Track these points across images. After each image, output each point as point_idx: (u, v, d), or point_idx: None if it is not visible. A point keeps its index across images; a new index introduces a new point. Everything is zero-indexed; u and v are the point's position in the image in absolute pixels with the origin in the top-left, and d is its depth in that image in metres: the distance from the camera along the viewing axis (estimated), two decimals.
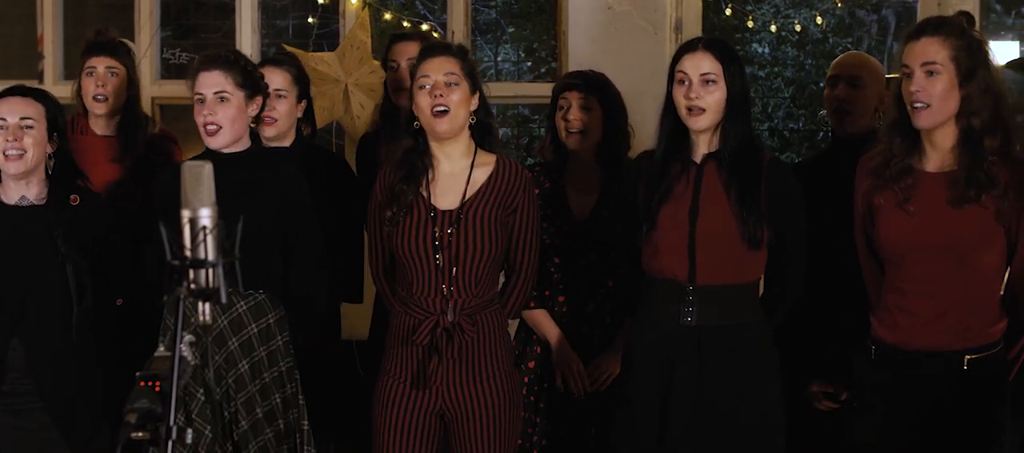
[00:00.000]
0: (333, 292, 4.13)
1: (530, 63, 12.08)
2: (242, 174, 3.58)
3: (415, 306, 3.51)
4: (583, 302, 3.95)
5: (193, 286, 2.25)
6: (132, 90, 4.43)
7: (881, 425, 3.32)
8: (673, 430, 3.40)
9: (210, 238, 2.23)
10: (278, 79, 4.17)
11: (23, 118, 3.62)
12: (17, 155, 3.60)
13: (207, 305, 2.28)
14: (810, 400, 3.98)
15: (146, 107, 5.91)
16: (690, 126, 3.41)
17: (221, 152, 3.65)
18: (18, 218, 3.64)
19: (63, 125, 3.76)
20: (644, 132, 3.89)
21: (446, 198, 3.52)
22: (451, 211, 3.50)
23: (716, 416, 3.38)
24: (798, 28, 10.96)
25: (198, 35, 7.86)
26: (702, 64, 3.38)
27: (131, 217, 3.96)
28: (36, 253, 3.61)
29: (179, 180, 2.28)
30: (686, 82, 3.39)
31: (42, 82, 5.98)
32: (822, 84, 4.32)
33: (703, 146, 3.45)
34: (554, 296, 3.96)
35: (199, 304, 2.28)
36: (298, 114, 4.28)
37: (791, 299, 3.51)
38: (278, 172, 3.75)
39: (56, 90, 4.80)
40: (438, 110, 3.46)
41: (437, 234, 3.47)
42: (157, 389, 2.32)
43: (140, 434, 2.28)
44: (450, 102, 3.46)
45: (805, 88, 12.12)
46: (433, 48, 3.59)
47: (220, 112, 3.65)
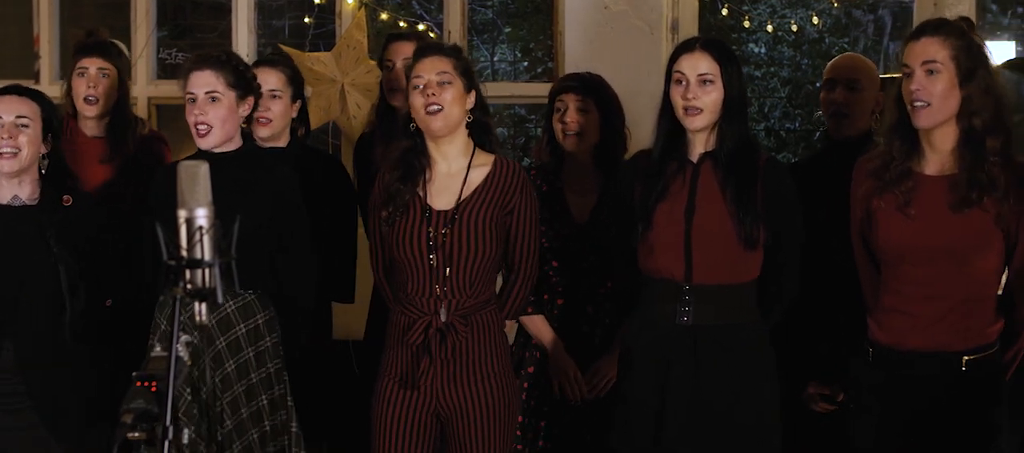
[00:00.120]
0: (325, 292, 4.13)
1: (526, 63, 12.07)
2: (237, 173, 3.58)
3: (410, 306, 3.51)
4: (582, 304, 3.93)
5: (189, 286, 2.24)
6: (122, 91, 4.43)
7: (877, 426, 3.32)
8: (669, 430, 3.39)
9: (207, 238, 2.23)
10: (273, 79, 4.16)
11: (18, 117, 3.61)
12: (11, 153, 3.59)
13: (204, 305, 2.28)
14: (807, 402, 3.98)
15: (142, 107, 5.92)
16: (687, 126, 3.40)
17: (214, 152, 3.65)
18: (10, 218, 3.63)
19: (58, 126, 3.75)
20: (640, 132, 3.88)
21: (442, 198, 3.52)
22: (446, 211, 3.49)
23: (712, 416, 3.37)
24: (794, 28, 10.94)
25: (194, 35, 7.86)
26: (699, 64, 3.38)
27: (122, 217, 3.95)
28: (28, 253, 3.60)
29: (173, 180, 2.28)
30: (683, 82, 3.39)
31: (38, 82, 5.98)
32: (818, 85, 4.31)
33: (700, 146, 3.44)
34: (552, 299, 3.95)
35: (196, 304, 2.28)
36: (293, 115, 4.28)
37: (787, 299, 3.51)
38: (273, 171, 3.75)
39: (52, 90, 4.81)
40: (431, 109, 3.46)
41: (432, 234, 3.47)
42: (153, 389, 2.32)
43: (136, 434, 2.28)
44: (443, 100, 3.46)
45: (801, 88, 12.10)
46: (426, 48, 3.60)
47: (211, 112, 3.66)
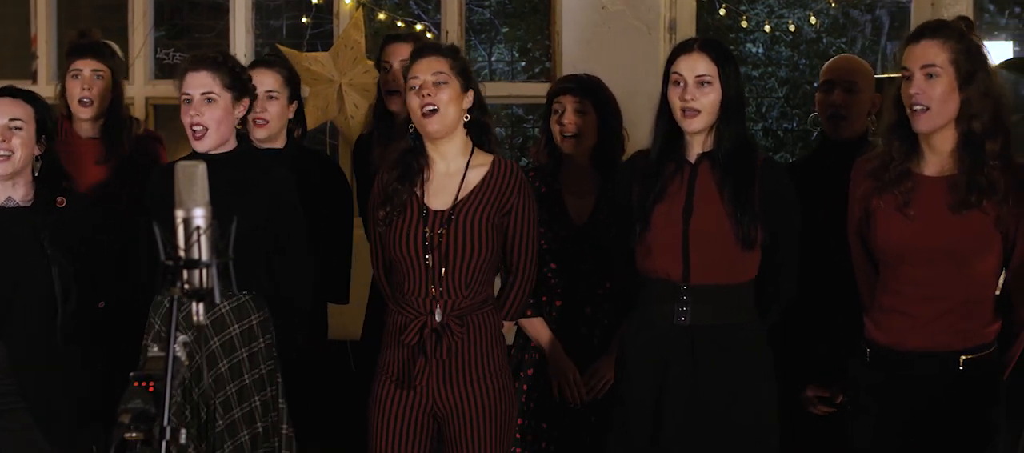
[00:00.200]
0: (320, 292, 4.13)
1: (524, 63, 12.06)
2: (233, 174, 3.58)
3: (406, 305, 3.51)
4: (581, 305, 3.93)
5: (187, 286, 2.24)
6: (117, 92, 4.42)
7: (876, 426, 3.32)
8: (667, 430, 3.39)
9: (204, 238, 2.23)
10: (269, 80, 4.16)
11: (12, 119, 3.61)
12: (5, 156, 3.59)
13: (201, 305, 2.28)
14: (805, 405, 3.97)
15: (140, 107, 5.92)
16: (685, 128, 3.40)
17: (210, 153, 3.64)
18: (4, 219, 3.62)
19: (52, 127, 3.75)
20: (638, 133, 3.88)
21: (439, 198, 3.52)
22: (443, 212, 3.49)
23: (710, 416, 3.37)
24: (792, 28, 10.96)
25: (192, 35, 7.86)
26: (697, 66, 3.37)
27: (117, 218, 3.95)
28: (21, 254, 3.60)
29: (169, 180, 2.28)
30: (681, 83, 3.38)
31: (36, 82, 5.98)
32: (815, 85, 4.31)
33: (697, 146, 3.44)
34: (551, 300, 3.94)
35: (193, 304, 2.28)
36: (289, 116, 4.27)
37: (784, 299, 3.51)
38: (269, 173, 3.75)
39: (49, 90, 4.80)
40: (427, 110, 3.46)
41: (428, 234, 3.47)
42: (151, 389, 2.31)
43: (133, 434, 2.27)
44: (439, 101, 3.46)
45: (799, 88, 12.09)
46: (422, 50, 3.59)
47: (207, 113, 3.65)
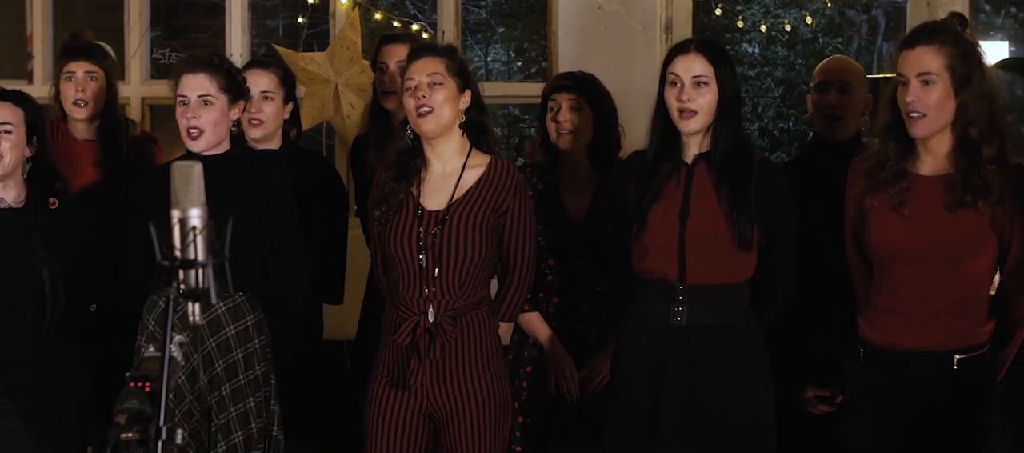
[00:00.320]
0: (315, 293, 4.13)
1: (520, 63, 12.07)
2: (228, 174, 3.57)
3: (400, 305, 3.51)
4: (578, 302, 3.93)
5: (183, 287, 2.24)
6: (111, 93, 4.41)
7: (871, 426, 3.32)
8: (663, 429, 3.39)
9: (200, 238, 2.23)
10: (265, 81, 4.16)
11: (2, 123, 3.60)
12: None
13: (197, 305, 2.28)
14: (804, 405, 3.97)
15: (136, 107, 5.92)
16: (681, 129, 3.40)
17: (204, 154, 3.64)
18: None
19: (42, 128, 3.74)
20: (634, 131, 3.88)
21: (435, 199, 3.52)
22: (438, 212, 3.49)
23: (706, 416, 3.37)
24: (788, 28, 10.97)
25: (188, 35, 7.86)
26: (694, 66, 3.37)
27: (110, 219, 3.94)
28: (13, 256, 3.59)
29: (161, 181, 2.28)
30: (678, 84, 3.39)
31: (32, 82, 5.98)
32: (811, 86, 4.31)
33: (694, 147, 3.44)
34: (548, 297, 3.94)
35: (189, 304, 2.28)
36: (285, 116, 4.27)
37: (781, 299, 3.51)
38: (264, 174, 3.75)
39: (45, 90, 4.79)
40: (422, 111, 3.46)
41: (422, 234, 3.47)
42: (147, 390, 2.31)
43: (129, 435, 2.27)
44: (434, 102, 3.46)
45: (795, 88, 12.10)
46: (418, 50, 3.59)
47: (203, 115, 3.65)
